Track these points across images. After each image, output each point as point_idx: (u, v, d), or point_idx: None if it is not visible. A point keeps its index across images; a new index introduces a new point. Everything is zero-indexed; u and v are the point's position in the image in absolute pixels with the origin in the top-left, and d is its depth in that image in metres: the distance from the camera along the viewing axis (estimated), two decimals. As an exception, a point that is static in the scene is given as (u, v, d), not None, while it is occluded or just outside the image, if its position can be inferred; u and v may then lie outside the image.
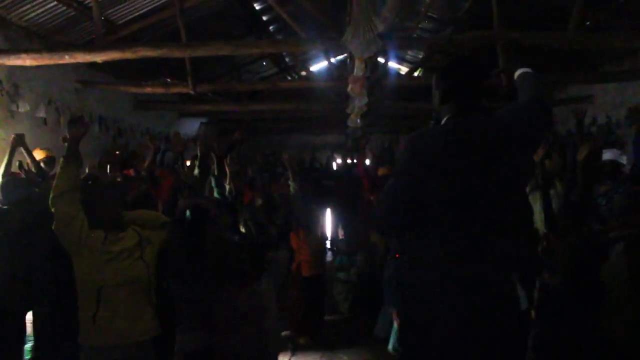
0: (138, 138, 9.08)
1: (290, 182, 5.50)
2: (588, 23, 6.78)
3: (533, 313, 3.54)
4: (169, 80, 7.67)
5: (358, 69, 4.41)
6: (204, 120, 12.65)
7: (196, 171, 4.97)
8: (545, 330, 3.43)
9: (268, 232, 5.22)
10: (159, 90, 7.52)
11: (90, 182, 3.78)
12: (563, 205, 3.95)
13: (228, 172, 5.34)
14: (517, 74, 2.44)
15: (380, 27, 3.33)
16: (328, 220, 9.43)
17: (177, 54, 5.41)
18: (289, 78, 12.23)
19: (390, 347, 4.58)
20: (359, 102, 5.92)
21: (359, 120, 7.94)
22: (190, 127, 12.10)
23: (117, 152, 6.45)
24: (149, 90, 7.50)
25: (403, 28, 8.39)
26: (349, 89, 5.31)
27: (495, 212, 2.04)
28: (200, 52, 5.24)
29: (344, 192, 7.93)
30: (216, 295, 3.38)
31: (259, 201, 5.67)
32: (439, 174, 2.03)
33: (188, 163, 6.19)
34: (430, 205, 2.05)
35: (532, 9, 7.30)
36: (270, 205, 5.80)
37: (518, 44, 5.95)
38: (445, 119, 2.25)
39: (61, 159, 2.99)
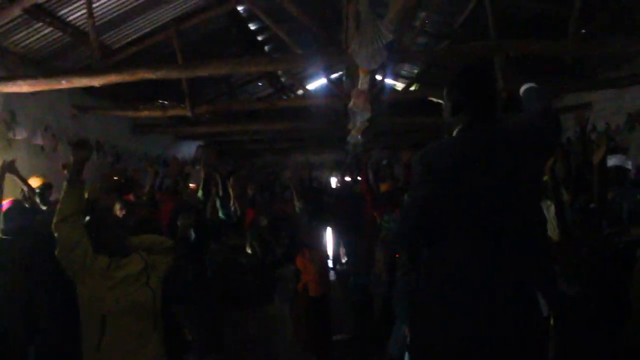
0: (136, 163, 9.02)
1: (295, 202, 5.43)
2: (584, 31, 6.79)
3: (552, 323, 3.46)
4: (166, 103, 7.64)
5: (363, 82, 4.34)
6: (200, 143, 12.62)
7: (200, 193, 4.91)
8: (565, 342, 3.34)
9: (274, 251, 5.13)
10: (157, 114, 7.47)
11: (91, 207, 3.70)
12: (573, 213, 3.89)
13: (232, 193, 5.28)
14: (522, 89, 2.44)
15: (389, 37, 3.29)
16: (328, 239, 9.34)
17: (175, 74, 5.36)
18: (285, 97, 12.24)
19: (404, 365, 4.45)
20: (361, 117, 5.85)
21: (359, 137, 7.88)
22: (188, 150, 12.05)
23: (116, 178, 6.38)
24: (146, 114, 7.45)
25: (400, 43, 8.39)
26: (351, 103, 5.25)
27: (510, 223, 2.03)
28: (199, 72, 5.18)
29: (344, 209, 7.83)
30: (225, 319, 3.28)
31: (264, 221, 5.59)
32: (451, 187, 2.03)
33: (190, 185, 6.16)
34: (446, 219, 2.05)
35: (527, 20, 7.31)
36: (275, 225, 5.71)
37: (516, 54, 5.95)
38: (456, 131, 2.22)
39: (64, 183, 2.92)
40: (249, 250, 4.94)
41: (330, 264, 8.24)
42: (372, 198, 6.89)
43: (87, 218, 3.02)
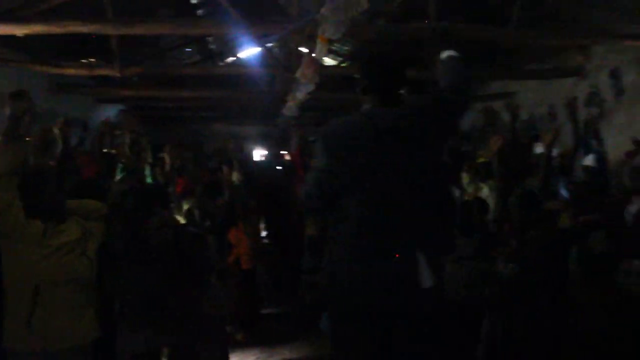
0: (52, 124, 8.36)
1: (234, 174, 5.31)
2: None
3: (483, 303, 3.55)
4: (92, 60, 7.10)
5: (320, 52, 4.22)
6: (122, 107, 11.95)
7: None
8: (503, 322, 3.44)
9: (213, 219, 4.98)
10: (82, 72, 6.93)
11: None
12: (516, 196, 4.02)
13: (167, 161, 5.06)
14: (443, 55, 2.51)
15: (365, 5, 3.19)
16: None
17: (110, 30, 4.95)
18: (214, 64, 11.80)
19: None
20: (305, 89, 5.72)
21: (296, 110, 7.75)
22: (110, 114, 11.35)
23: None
24: (71, 71, 6.88)
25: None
26: (298, 73, 5.10)
27: (398, 197, 2.17)
28: (136, 30, 4.80)
29: (269, 183, 7.68)
30: (172, 293, 3.10)
31: (199, 189, 5.42)
32: (344, 162, 2.19)
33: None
34: (340, 191, 2.21)
35: (466, 4, 7.40)
36: (213, 192, 5.53)
37: (449, 37, 5.99)
38: (363, 107, 2.36)
39: None
40: (182, 219, 4.77)
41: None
42: (305, 173, 6.84)
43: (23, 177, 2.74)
